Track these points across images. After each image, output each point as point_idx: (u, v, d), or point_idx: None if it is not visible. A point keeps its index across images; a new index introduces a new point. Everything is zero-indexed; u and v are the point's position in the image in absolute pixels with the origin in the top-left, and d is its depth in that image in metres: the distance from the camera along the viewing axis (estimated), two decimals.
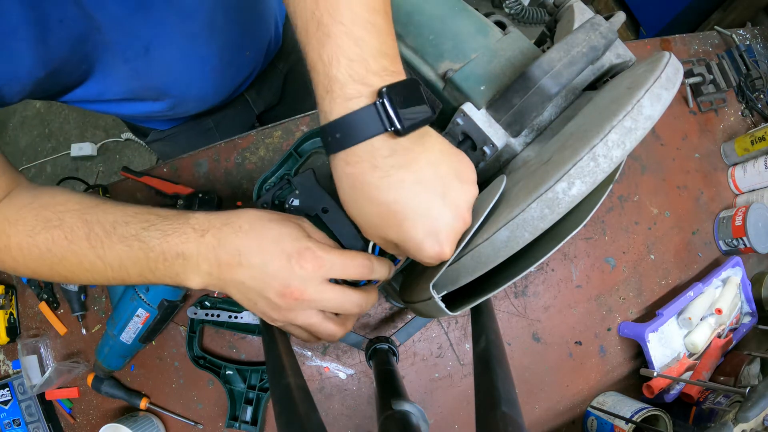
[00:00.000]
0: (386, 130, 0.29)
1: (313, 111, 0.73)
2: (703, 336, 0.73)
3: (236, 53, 0.66)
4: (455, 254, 0.33)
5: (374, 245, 0.42)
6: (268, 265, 0.34)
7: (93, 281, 0.39)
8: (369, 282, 0.41)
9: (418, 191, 0.31)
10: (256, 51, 0.70)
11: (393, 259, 0.43)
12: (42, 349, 0.66)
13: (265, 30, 0.71)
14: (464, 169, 0.34)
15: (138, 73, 0.54)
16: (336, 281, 0.37)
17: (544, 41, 0.55)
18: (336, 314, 0.38)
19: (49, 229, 0.38)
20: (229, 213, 0.37)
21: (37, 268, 0.39)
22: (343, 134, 0.30)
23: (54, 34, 0.42)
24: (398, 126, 0.29)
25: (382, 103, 0.29)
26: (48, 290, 0.67)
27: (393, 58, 0.32)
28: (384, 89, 0.29)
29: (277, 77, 0.80)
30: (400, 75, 0.31)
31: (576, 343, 0.74)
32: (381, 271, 0.38)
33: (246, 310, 0.64)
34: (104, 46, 0.48)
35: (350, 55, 0.29)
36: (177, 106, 0.65)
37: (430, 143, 0.32)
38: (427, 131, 0.33)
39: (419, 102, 0.31)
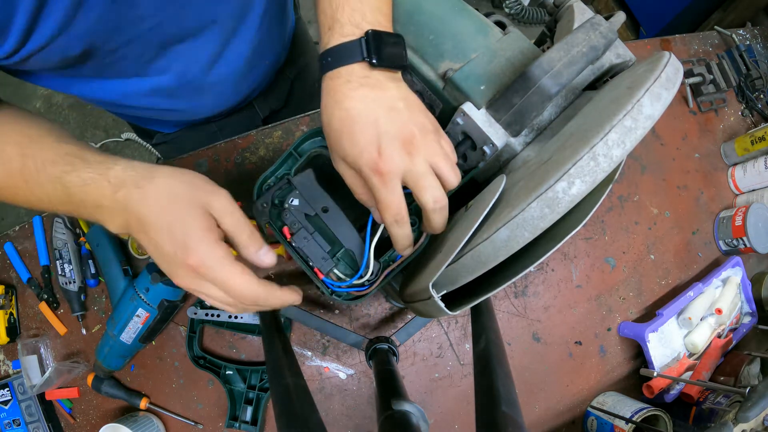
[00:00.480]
0: (363, 60, 0.37)
1: (313, 111, 0.73)
2: (703, 336, 0.73)
3: (258, 59, 0.67)
4: (455, 254, 0.33)
5: (377, 241, 0.42)
6: (160, 248, 0.35)
7: (33, 207, 0.41)
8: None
9: (375, 107, 0.37)
10: (273, 59, 0.71)
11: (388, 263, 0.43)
12: (42, 349, 0.66)
13: (283, 39, 0.72)
14: (420, 114, 0.38)
15: (167, 57, 0.54)
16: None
17: (544, 41, 0.55)
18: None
19: None
20: (145, 171, 0.36)
21: None
22: (333, 58, 0.38)
23: (99, 6, 0.41)
24: (373, 58, 0.37)
25: (366, 41, 0.37)
26: (48, 290, 0.67)
27: (386, 16, 0.41)
28: (370, 32, 0.37)
29: (284, 82, 0.81)
30: (389, 29, 0.40)
31: (576, 343, 0.74)
32: (267, 295, 0.37)
33: None
34: (145, 35, 0.48)
35: (353, 5, 0.38)
36: (193, 102, 0.65)
37: (400, 85, 0.39)
38: (400, 79, 0.40)
39: (398, 51, 0.39)
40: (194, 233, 0.34)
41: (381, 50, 0.37)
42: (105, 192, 0.36)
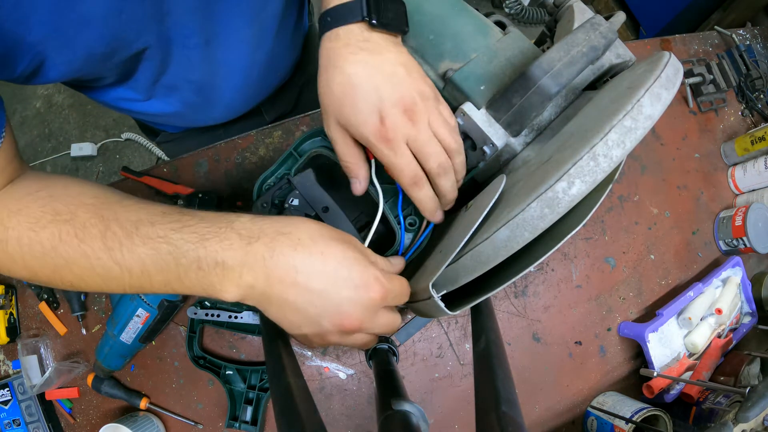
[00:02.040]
0: (363, 19, 0.37)
1: (313, 111, 0.73)
2: (703, 336, 0.73)
3: (272, 69, 0.67)
4: (455, 254, 0.33)
5: (371, 243, 0.42)
6: (333, 293, 0.31)
7: (104, 288, 0.34)
8: None
9: (375, 73, 0.36)
10: (286, 69, 0.71)
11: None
12: (42, 349, 0.66)
13: (296, 49, 0.72)
14: (420, 79, 0.38)
15: (190, 62, 0.53)
16: None
17: (544, 41, 0.55)
18: None
19: (57, 224, 0.32)
20: (283, 220, 0.33)
21: (38, 269, 0.34)
22: (332, 18, 0.37)
23: (129, 5, 0.39)
24: (372, 19, 0.36)
25: (367, 1, 0.37)
26: (48, 290, 0.67)
27: None
28: None
29: (293, 90, 0.80)
30: None
31: (576, 343, 0.74)
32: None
33: (246, 310, 0.64)
34: (165, 33, 0.47)
35: None
36: (204, 109, 0.65)
37: (401, 50, 0.38)
38: (400, 44, 0.39)
39: (399, 14, 0.39)
40: (369, 264, 0.34)
41: (381, 10, 0.37)
42: (234, 245, 0.31)
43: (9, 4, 0.31)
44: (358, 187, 0.41)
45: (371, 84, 0.36)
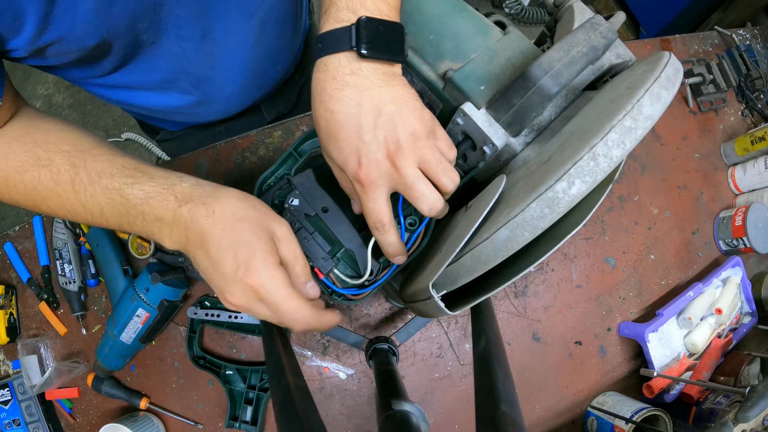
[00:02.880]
0: (351, 49, 0.34)
1: None
2: (703, 336, 0.73)
3: (271, 64, 0.67)
4: (455, 254, 0.33)
5: (373, 244, 0.42)
6: (219, 265, 0.35)
7: (73, 219, 0.40)
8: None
9: (357, 112, 0.34)
10: (285, 65, 0.71)
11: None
12: (42, 349, 0.66)
13: (296, 45, 0.72)
14: (411, 117, 0.35)
15: (185, 55, 0.54)
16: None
17: (544, 41, 0.55)
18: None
19: (37, 168, 0.38)
20: (213, 191, 0.37)
21: (21, 201, 0.40)
22: (323, 45, 0.36)
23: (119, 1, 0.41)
24: (363, 48, 0.34)
25: (357, 27, 0.34)
26: (48, 290, 0.67)
27: (391, 6, 0.37)
28: (363, 18, 0.35)
29: (293, 88, 0.80)
30: (391, 18, 0.37)
31: (576, 343, 0.74)
32: (317, 320, 0.36)
33: None
34: (161, 23, 0.48)
35: None
36: (203, 104, 0.65)
37: (393, 83, 0.36)
38: (396, 74, 0.37)
39: (396, 43, 0.36)
40: (258, 254, 0.34)
41: (373, 39, 0.34)
42: (169, 206, 0.36)
43: None
44: (357, 207, 0.42)
45: (353, 125, 0.34)
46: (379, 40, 0.35)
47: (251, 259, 0.34)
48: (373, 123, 0.34)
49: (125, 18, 0.43)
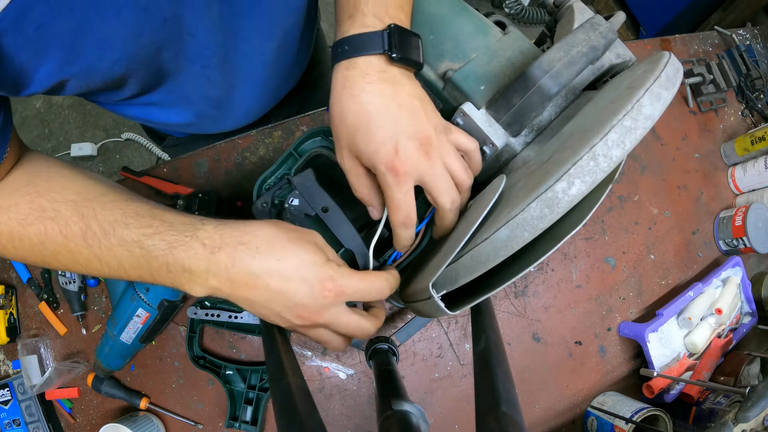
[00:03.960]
0: (384, 52, 0.36)
1: (313, 111, 0.73)
2: (703, 336, 0.73)
3: (284, 83, 0.67)
4: (455, 254, 0.33)
5: (375, 244, 0.42)
6: (290, 292, 0.34)
7: (86, 273, 0.39)
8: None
9: (392, 104, 0.36)
10: (298, 75, 0.71)
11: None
12: (42, 349, 0.66)
13: (308, 57, 0.72)
14: (434, 114, 0.38)
15: (209, 81, 0.53)
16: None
17: (544, 41, 0.55)
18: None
19: (43, 221, 0.36)
20: (243, 228, 0.35)
21: (28, 256, 0.38)
22: (351, 47, 0.37)
23: (149, 28, 0.39)
24: (393, 52, 0.36)
25: (389, 33, 0.37)
26: (48, 290, 0.67)
27: (407, 15, 0.41)
28: (393, 25, 0.37)
29: (299, 95, 0.80)
30: (407, 27, 0.39)
31: (576, 343, 0.74)
32: (395, 283, 0.38)
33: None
34: (187, 50, 0.46)
35: None
36: (219, 119, 0.65)
37: (415, 83, 0.38)
38: (413, 77, 0.39)
39: (416, 49, 0.39)
40: (325, 265, 0.35)
41: (401, 46, 0.37)
42: (198, 255, 0.34)
43: (31, 29, 0.31)
44: (376, 213, 0.41)
45: (388, 114, 0.35)
46: (405, 47, 0.37)
47: (321, 270, 0.34)
48: (408, 115, 0.36)
49: (153, 47, 0.42)
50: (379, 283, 0.36)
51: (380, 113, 0.35)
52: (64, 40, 0.34)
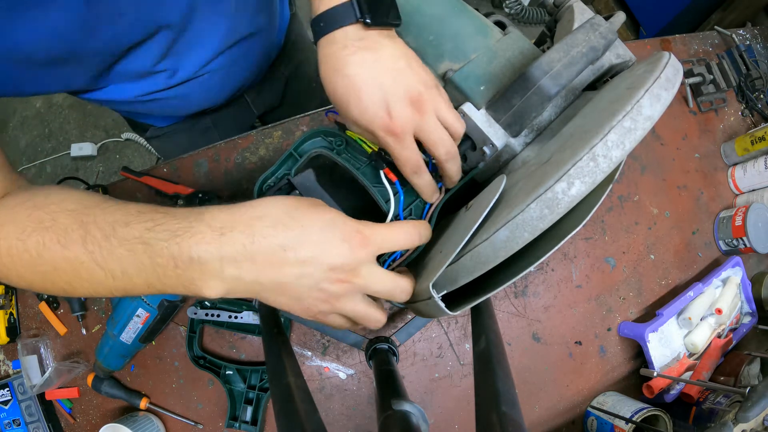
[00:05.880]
0: (357, 20, 0.36)
1: (314, 111, 0.73)
2: (703, 336, 0.73)
3: (246, 51, 0.66)
4: (455, 254, 0.33)
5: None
6: (323, 256, 0.32)
7: (94, 293, 0.34)
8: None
9: (376, 68, 0.36)
10: (262, 51, 0.71)
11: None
12: (42, 349, 0.66)
13: (272, 29, 0.71)
14: (421, 70, 0.38)
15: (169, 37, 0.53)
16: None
17: (544, 41, 0.55)
18: (375, 299, 0.37)
19: (40, 231, 0.33)
20: (253, 205, 0.33)
21: (29, 276, 0.35)
22: (326, 23, 0.37)
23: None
24: (367, 18, 0.36)
25: (358, 1, 0.36)
26: None
27: None
28: None
29: (278, 80, 0.80)
30: None
31: (576, 343, 0.74)
32: (426, 233, 0.38)
33: (246, 310, 0.64)
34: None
35: None
36: (181, 84, 0.63)
37: (397, 42, 0.38)
38: (394, 36, 0.39)
39: (391, 8, 0.39)
40: (350, 220, 0.34)
41: (373, 9, 0.37)
42: (206, 237, 0.30)
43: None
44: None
45: (375, 82, 0.36)
46: (378, 9, 0.37)
47: (347, 225, 0.33)
48: (393, 77, 0.36)
49: (83, 30, 0.43)
50: (406, 228, 0.36)
51: (366, 83, 0.36)
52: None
